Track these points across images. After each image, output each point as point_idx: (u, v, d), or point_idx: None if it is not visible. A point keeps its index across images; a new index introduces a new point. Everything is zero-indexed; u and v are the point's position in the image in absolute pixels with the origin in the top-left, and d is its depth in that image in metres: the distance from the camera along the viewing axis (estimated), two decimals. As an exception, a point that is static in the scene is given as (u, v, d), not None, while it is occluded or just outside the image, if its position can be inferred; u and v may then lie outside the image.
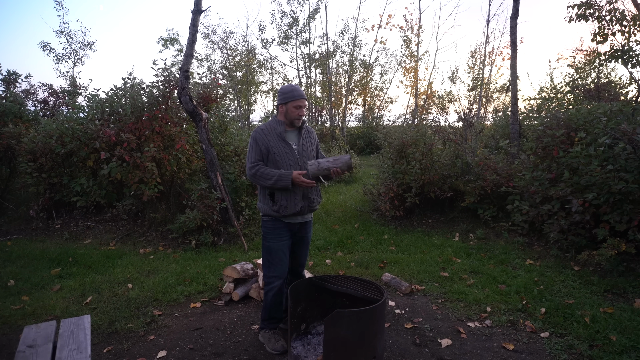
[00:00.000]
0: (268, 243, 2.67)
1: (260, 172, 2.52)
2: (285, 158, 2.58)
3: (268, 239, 2.67)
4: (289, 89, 2.59)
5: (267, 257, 2.70)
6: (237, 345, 2.82)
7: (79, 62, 16.47)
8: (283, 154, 2.58)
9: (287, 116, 2.62)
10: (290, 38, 19.66)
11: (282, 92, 2.60)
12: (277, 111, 2.67)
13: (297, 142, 2.66)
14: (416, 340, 2.87)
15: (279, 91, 2.63)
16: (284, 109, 2.61)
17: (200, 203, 5.13)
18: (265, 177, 2.51)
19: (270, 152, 2.56)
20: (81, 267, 4.35)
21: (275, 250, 2.66)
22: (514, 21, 7.03)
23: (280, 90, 2.63)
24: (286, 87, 2.61)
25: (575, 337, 2.84)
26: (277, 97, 2.63)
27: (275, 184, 2.51)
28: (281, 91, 2.62)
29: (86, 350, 1.97)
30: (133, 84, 5.87)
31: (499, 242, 5.11)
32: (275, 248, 2.65)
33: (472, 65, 20.52)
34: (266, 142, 2.57)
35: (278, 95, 2.63)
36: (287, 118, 2.63)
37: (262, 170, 2.53)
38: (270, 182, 2.51)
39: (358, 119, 23.19)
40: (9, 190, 6.66)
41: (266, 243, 2.68)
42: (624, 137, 4.06)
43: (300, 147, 2.66)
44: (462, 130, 8.33)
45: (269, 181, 2.51)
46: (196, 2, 5.48)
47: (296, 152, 2.63)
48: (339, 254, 4.80)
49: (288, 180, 2.49)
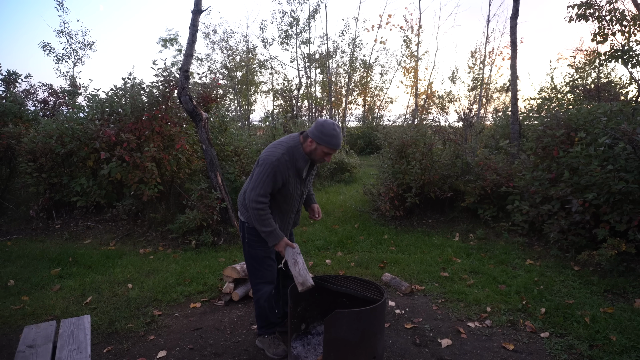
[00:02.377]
0: (254, 250, 2.54)
1: (264, 215, 2.32)
2: (294, 193, 2.48)
3: (254, 246, 2.54)
4: (332, 134, 2.27)
5: (254, 265, 2.58)
6: (237, 345, 2.82)
7: (79, 62, 16.49)
8: (294, 189, 2.45)
9: (311, 153, 2.37)
10: (291, 38, 19.68)
11: (323, 132, 2.27)
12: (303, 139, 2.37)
13: (306, 174, 2.53)
14: (416, 340, 2.87)
15: (320, 125, 2.28)
16: (313, 146, 2.33)
17: (200, 203, 5.13)
18: (263, 223, 2.33)
19: (285, 187, 2.38)
20: (81, 267, 4.35)
21: (263, 257, 2.56)
22: (514, 21, 7.03)
23: (322, 128, 2.28)
24: (329, 129, 2.27)
25: (575, 337, 2.84)
26: (315, 130, 2.30)
27: (263, 233, 2.36)
28: (322, 130, 2.27)
29: (86, 350, 1.97)
30: (133, 84, 5.87)
31: (499, 242, 5.11)
32: (263, 255, 2.56)
33: (472, 65, 20.55)
34: (286, 177, 2.35)
35: (316, 129, 2.29)
36: (310, 155, 2.39)
37: (266, 215, 2.33)
38: (262, 229, 2.34)
39: (358, 119, 23.22)
40: (9, 190, 6.65)
41: (252, 250, 2.55)
42: (624, 137, 4.06)
43: (307, 178, 2.57)
44: (462, 130, 8.34)
45: (262, 227, 2.34)
46: (196, 2, 5.48)
47: (303, 186, 2.54)
48: (339, 254, 4.80)
49: (276, 242, 2.37)
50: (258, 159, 2.40)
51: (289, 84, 21.68)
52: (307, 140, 2.35)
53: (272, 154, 2.31)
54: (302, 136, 2.39)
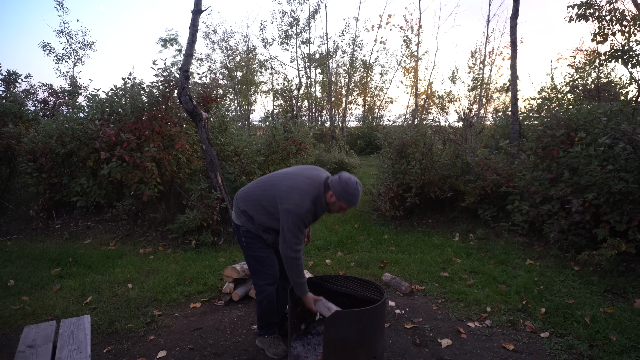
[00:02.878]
0: (254, 252, 2.55)
1: (300, 265, 2.33)
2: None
3: (253, 248, 2.55)
4: (354, 193, 2.30)
5: (257, 266, 2.59)
6: (237, 345, 2.82)
7: (79, 62, 16.46)
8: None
9: (330, 205, 2.39)
10: (291, 38, 19.65)
11: (345, 190, 2.29)
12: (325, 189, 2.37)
13: None
14: (416, 340, 2.87)
15: (345, 183, 2.29)
16: (333, 199, 2.35)
17: (200, 203, 5.13)
18: (299, 274, 2.33)
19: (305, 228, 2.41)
20: (81, 267, 4.35)
21: (264, 257, 2.57)
22: (514, 21, 7.03)
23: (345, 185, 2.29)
24: (352, 188, 2.29)
25: (575, 337, 2.84)
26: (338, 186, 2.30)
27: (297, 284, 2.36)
28: (345, 187, 2.29)
29: (86, 350, 1.97)
30: (133, 84, 5.87)
31: (499, 242, 5.11)
32: (263, 255, 2.56)
33: (472, 65, 20.52)
34: (309, 222, 2.38)
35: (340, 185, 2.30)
36: (329, 205, 2.40)
37: (302, 265, 2.35)
38: (297, 280, 2.34)
39: (358, 119, 23.20)
40: (9, 190, 6.66)
41: (251, 253, 2.56)
42: (624, 137, 4.06)
43: None
44: (462, 130, 8.34)
45: (297, 279, 2.33)
46: (196, 2, 5.48)
47: None
48: (339, 254, 4.80)
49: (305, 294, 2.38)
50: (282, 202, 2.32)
51: (289, 84, 21.68)
52: (328, 192, 2.37)
53: (301, 206, 2.29)
54: (324, 185, 2.38)
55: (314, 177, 2.40)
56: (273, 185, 2.42)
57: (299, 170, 2.48)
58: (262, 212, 2.44)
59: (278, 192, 2.36)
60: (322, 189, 2.37)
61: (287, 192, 2.33)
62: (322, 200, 2.37)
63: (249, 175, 6.27)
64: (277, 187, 2.39)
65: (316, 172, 2.46)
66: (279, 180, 2.42)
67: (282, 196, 2.33)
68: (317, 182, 2.38)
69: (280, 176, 2.46)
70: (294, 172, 2.47)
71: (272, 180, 2.47)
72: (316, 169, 2.52)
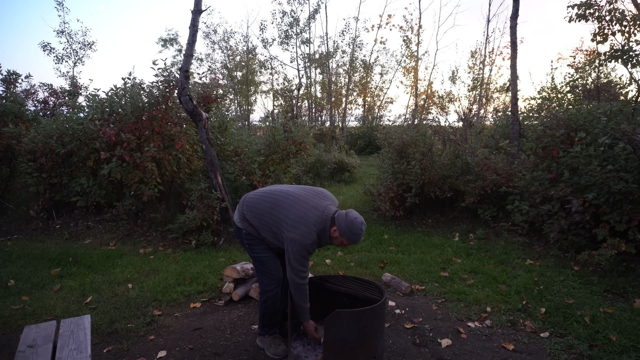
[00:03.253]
0: (257, 255, 2.58)
1: (306, 291, 2.41)
2: None
3: (256, 250, 2.58)
4: (358, 233, 2.36)
5: (260, 267, 2.61)
6: (237, 345, 2.82)
7: (79, 62, 16.46)
8: None
9: (332, 239, 2.43)
10: (291, 38, 19.65)
11: (350, 230, 2.34)
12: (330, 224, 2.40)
13: None
14: (416, 340, 2.87)
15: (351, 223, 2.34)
16: (336, 234, 2.39)
17: (200, 203, 5.13)
18: (304, 300, 2.41)
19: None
20: (81, 267, 4.35)
21: (267, 259, 2.59)
22: (514, 21, 7.03)
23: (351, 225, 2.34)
24: (357, 229, 2.35)
25: (575, 337, 2.84)
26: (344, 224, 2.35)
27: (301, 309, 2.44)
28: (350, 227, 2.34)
29: (86, 350, 1.97)
30: (133, 84, 5.87)
31: (499, 242, 5.11)
32: (265, 257, 2.58)
33: (472, 65, 20.52)
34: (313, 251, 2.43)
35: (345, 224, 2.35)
36: (331, 238, 2.44)
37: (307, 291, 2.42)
38: (303, 305, 2.42)
39: (358, 119, 23.19)
40: (9, 190, 6.66)
41: (254, 255, 2.59)
42: (624, 137, 4.06)
43: None
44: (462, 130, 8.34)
45: (303, 304, 2.42)
46: (196, 2, 5.48)
47: None
48: (339, 254, 4.80)
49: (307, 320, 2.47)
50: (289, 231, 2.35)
51: (289, 84, 21.68)
52: (333, 227, 2.40)
53: (307, 238, 2.32)
54: (331, 220, 2.40)
55: (322, 209, 2.42)
56: (281, 208, 2.42)
57: (308, 197, 2.47)
58: (267, 230, 2.48)
59: (285, 219, 2.38)
60: (327, 223, 2.40)
61: (295, 221, 2.35)
62: (327, 234, 2.41)
63: (249, 175, 6.27)
64: (285, 213, 2.39)
65: (325, 202, 2.47)
66: (288, 205, 2.42)
67: (289, 224, 2.35)
68: (324, 215, 2.40)
69: (290, 199, 2.45)
70: (303, 198, 2.46)
71: (281, 199, 2.46)
72: (325, 196, 2.53)
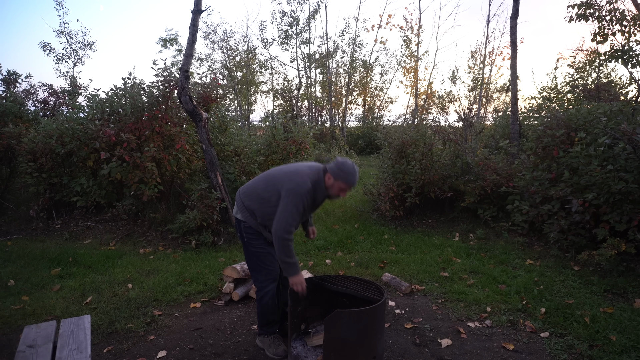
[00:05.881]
0: (254, 249, 2.59)
1: (290, 245, 2.37)
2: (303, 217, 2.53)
3: (254, 244, 2.58)
4: (350, 172, 2.39)
5: (257, 262, 2.62)
6: (237, 345, 2.82)
7: (79, 62, 16.48)
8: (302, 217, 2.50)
9: (329, 189, 2.47)
10: (291, 38, 19.67)
11: (342, 170, 2.39)
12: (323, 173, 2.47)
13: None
14: (416, 340, 2.87)
15: (341, 164, 2.40)
16: (331, 182, 2.44)
17: (200, 203, 5.13)
18: (289, 253, 2.36)
19: (304, 215, 2.45)
20: (81, 267, 4.35)
21: (264, 254, 2.60)
22: (514, 21, 7.03)
23: (342, 166, 2.40)
24: (349, 168, 2.39)
25: (575, 337, 2.84)
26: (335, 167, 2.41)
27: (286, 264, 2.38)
28: (342, 167, 2.39)
29: (86, 350, 1.97)
30: (133, 84, 5.87)
31: (499, 242, 5.11)
32: (263, 252, 2.59)
33: (472, 65, 20.53)
34: (308, 206, 2.43)
35: (336, 166, 2.41)
36: (328, 191, 2.48)
37: (291, 246, 2.38)
38: (287, 259, 2.37)
39: (358, 119, 23.20)
40: (9, 190, 6.66)
41: (252, 249, 2.60)
42: (624, 137, 4.06)
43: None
44: (462, 130, 8.33)
45: (287, 258, 2.37)
46: (196, 2, 5.48)
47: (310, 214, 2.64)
48: (339, 254, 4.80)
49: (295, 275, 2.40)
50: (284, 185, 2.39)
51: (289, 84, 21.70)
52: (326, 175, 2.47)
53: (301, 186, 2.37)
54: (323, 170, 2.49)
55: (313, 165, 2.56)
56: (274, 177, 2.53)
57: (298, 163, 2.62)
58: (266, 204, 2.50)
59: (279, 179, 2.47)
60: (321, 173, 2.49)
61: (289, 175, 2.46)
62: (322, 184, 2.47)
63: (249, 175, 6.27)
64: (278, 177, 2.50)
65: (315, 163, 2.62)
66: (279, 171, 2.56)
67: (284, 180, 2.44)
68: (316, 167, 2.52)
69: (280, 168, 2.60)
70: (294, 164, 2.62)
71: (273, 173, 2.59)
72: (315, 162, 2.65)
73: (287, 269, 2.40)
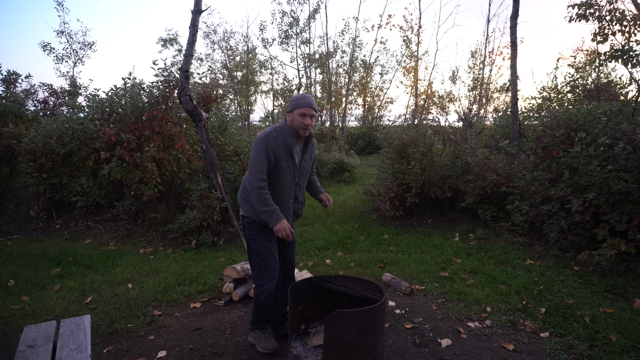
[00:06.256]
0: (256, 245, 2.60)
1: (264, 194, 2.42)
2: (287, 174, 2.53)
3: (255, 240, 2.60)
4: (298, 96, 2.49)
5: (257, 259, 2.63)
6: (237, 345, 2.82)
7: (79, 62, 16.50)
8: (286, 169, 2.52)
9: (293, 125, 2.51)
10: (291, 38, 19.66)
11: (292, 100, 2.51)
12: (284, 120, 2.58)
13: (300, 157, 2.62)
14: (416, 340, 2.87)
15: (290, 99, 2.55)
16: (290, 117, 2.51)
17: (200, 203, 5.13)
18: (264, 202, 2.41)
19: (277, 164, 2.47)
20: (81, 267, 4.35)
21: (265, 251, 2.60)
22: (514, 21, 7.03)
23: (291, 99, 2.54)
24: (295, 95, 2.52)
25: (575, 337, 2.84)
26: (289, 104, 2.54)
27: (263, 215, 2.44)
28: (292, 99, 2.53)
29: (86, 350, 1.97)
30: (133, 84, 5.87)
31: (499, 242, 5.11)
32: (264, 250, 2.59)
33: (473, 65, 20.53)
34: (277, 152, 2.46)
35: (290, 101, 2.54)
36: (293, 127, 2.51)
37: (267, 194, 2.43)
38: (263, 208, 2.42)
39: (358, 119, 23.17)
40: (9, 190, 6.66)
41: (253, 245, 2.61)
42: (624, 137, 4.06)
43: (302, 163, 2.63)
44: (462, 130, 8.32)
45: (263, 207, 2.42)
46: (196, 2, 5.48)
47: (297, 169, 2.60)
48: (339, 254, 4.80)
49: (275, 223, 2.42)
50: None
51: (289, 84, 21.68)
52: (286, 117, 2.57)
53: (263, 134, 2.48)
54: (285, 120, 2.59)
55: None
56: None
57: None
58: None
59: None
60: (284, 121, 2.58)
61: None
62: (285, 127, 2.53)
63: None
64: None
65: None
66: None
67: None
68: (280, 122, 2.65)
69: None
70: None
71: None
72: None
73: (268, 218, 2.44)
